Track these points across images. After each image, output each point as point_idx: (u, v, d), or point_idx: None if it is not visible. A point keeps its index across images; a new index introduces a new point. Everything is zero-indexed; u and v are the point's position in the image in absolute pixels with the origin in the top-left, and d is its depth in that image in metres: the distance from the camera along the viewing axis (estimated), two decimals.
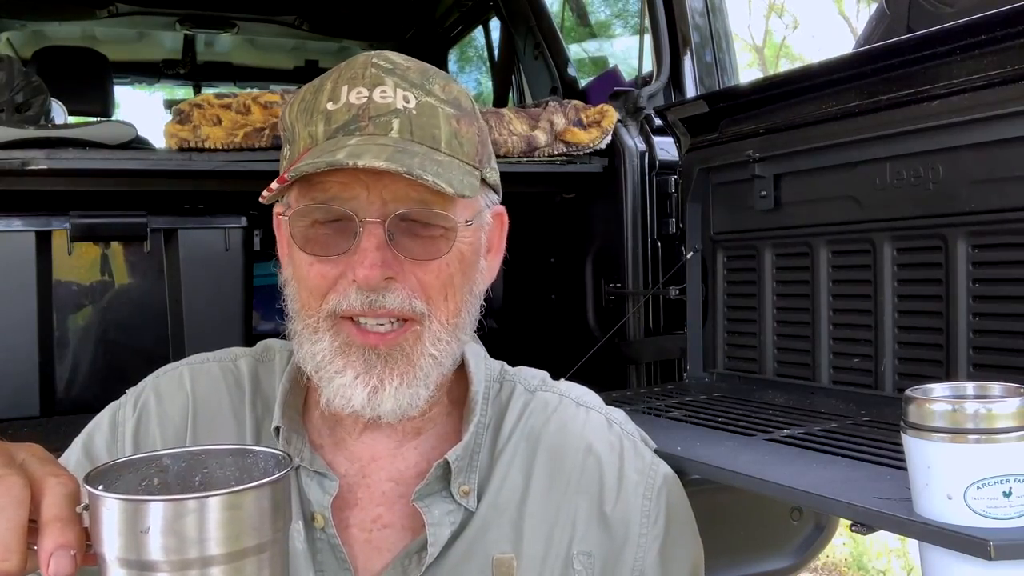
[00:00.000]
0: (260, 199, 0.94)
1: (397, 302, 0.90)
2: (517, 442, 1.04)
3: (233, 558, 0.64)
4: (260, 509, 0.65)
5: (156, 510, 0.62)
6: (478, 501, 0.99)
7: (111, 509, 0.63)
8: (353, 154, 0.85)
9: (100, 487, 0.65)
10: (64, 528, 0.65)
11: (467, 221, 0.94)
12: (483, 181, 0.97)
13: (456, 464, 0.97)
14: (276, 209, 1.02)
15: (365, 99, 0.90)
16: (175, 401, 1.04)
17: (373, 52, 0.97)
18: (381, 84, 0.91)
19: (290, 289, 0.97)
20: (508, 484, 1.01)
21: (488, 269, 1.02)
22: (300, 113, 0.95)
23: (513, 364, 1.15)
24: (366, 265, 0.88)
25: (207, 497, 0.63)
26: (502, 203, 1.05)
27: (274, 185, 0.90)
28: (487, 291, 1.03)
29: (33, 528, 0.65)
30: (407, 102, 0.91)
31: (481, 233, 0.99)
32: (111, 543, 0.63)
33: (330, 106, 0.91)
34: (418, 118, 0.91)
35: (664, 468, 1.08)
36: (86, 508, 0.66)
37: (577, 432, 1.05)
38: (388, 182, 0.89)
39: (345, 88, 0.92)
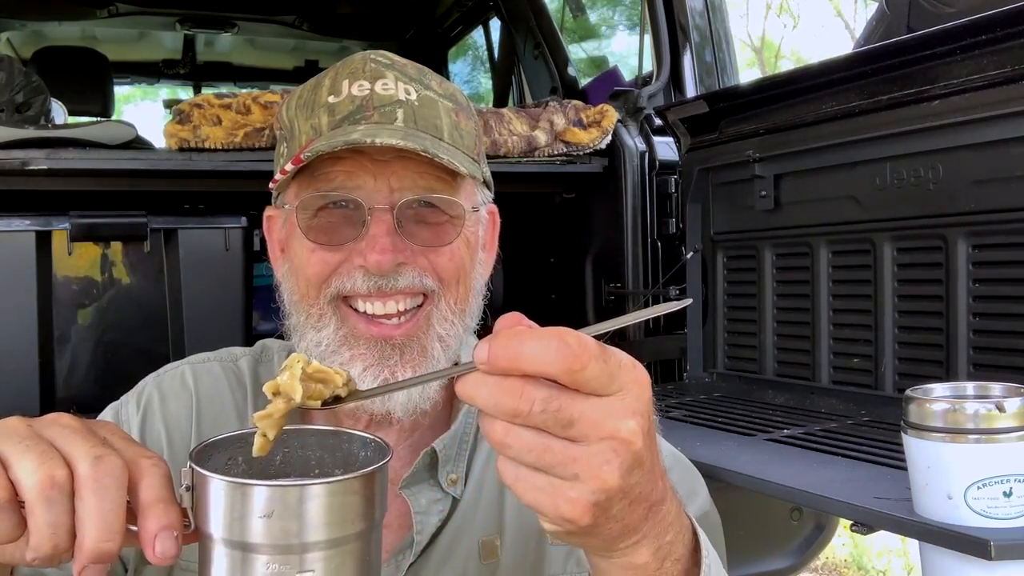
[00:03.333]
0: (271, 184, 0.94)
1: (407, 280, 0.91)
2: None
3: (334, 544, 0.63)
4: (366, 496, 0.64)
5: (266, 494, 0.62)
6: (465, 488, 0.99)
7: (220, 491, 0.63)
8: (369, 133, 0.86)
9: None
10: (167, 509, 0.64)
11: (473, 208, 0.95)
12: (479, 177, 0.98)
13: (443, 453, 0.98)
14: (267, 212, 1.02)
15: (368, 91, 0.91)
16: (179, 399, 1.04)
17: (369, 51, 0.98)
18: (382, 77, 0.93)
19: (288, 283, 0.97)
20: (490, 469, 1.01)
21: (484, 264, 1.02)
22: (299, 109, 0.94)
23: None
24: (377, 250, 0.88)
25: (318, 484, 0.62)
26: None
27: (289, 167, 0.89)
28: (487, 290, 1.03)
29: (128, 508, 0.65)
30: (408, 94, 0.92)
31: (479, 226, 0.99)
32: (216, 524, 0.63)
33: (332, 99, 0.92)
34: (421, 109, 0.92)
35: None
36: (188, 488, 0.65)
37: None
38: (395, 169, 0.89)
39: (346, 82, 0.93)
